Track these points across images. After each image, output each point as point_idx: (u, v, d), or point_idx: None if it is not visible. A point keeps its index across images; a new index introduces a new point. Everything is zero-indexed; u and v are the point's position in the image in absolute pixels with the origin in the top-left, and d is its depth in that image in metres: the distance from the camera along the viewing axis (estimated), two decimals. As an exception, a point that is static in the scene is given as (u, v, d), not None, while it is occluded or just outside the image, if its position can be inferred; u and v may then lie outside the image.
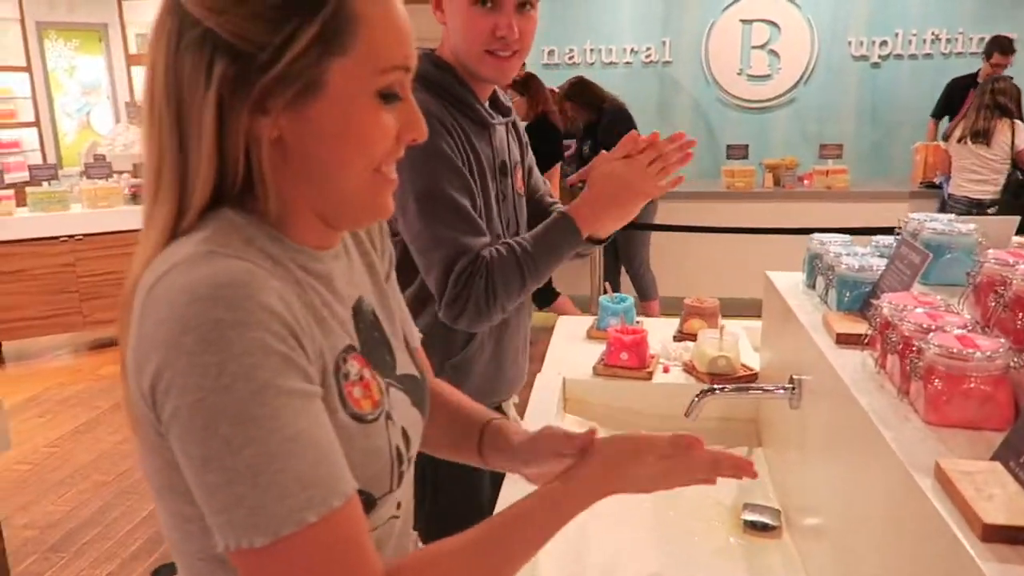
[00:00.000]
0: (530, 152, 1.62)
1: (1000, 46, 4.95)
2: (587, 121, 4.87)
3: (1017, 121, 4.54)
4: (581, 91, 4.82)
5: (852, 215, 4.97)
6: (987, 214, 4.55)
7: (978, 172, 4.58)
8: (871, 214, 5.01)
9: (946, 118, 5.26)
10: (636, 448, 0.85)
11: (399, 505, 0.80)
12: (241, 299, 0.60)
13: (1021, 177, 4.51)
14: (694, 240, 4.95)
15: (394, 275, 0.96)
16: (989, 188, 4.56)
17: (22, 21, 7.86)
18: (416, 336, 0.98)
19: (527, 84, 4.60)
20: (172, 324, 0.59)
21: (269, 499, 0.59)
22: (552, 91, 5.18)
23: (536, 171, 1.66)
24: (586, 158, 4.79)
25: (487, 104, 1.44)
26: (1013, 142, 4.50)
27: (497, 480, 1.40)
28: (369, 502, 0.72)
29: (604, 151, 1.37)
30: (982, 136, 4.51)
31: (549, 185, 1.70)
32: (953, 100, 5.19)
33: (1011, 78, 4.64)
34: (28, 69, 7.96)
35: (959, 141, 4.60)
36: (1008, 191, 4.53)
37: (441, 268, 1.30)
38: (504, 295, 1.31)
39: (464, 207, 1.31)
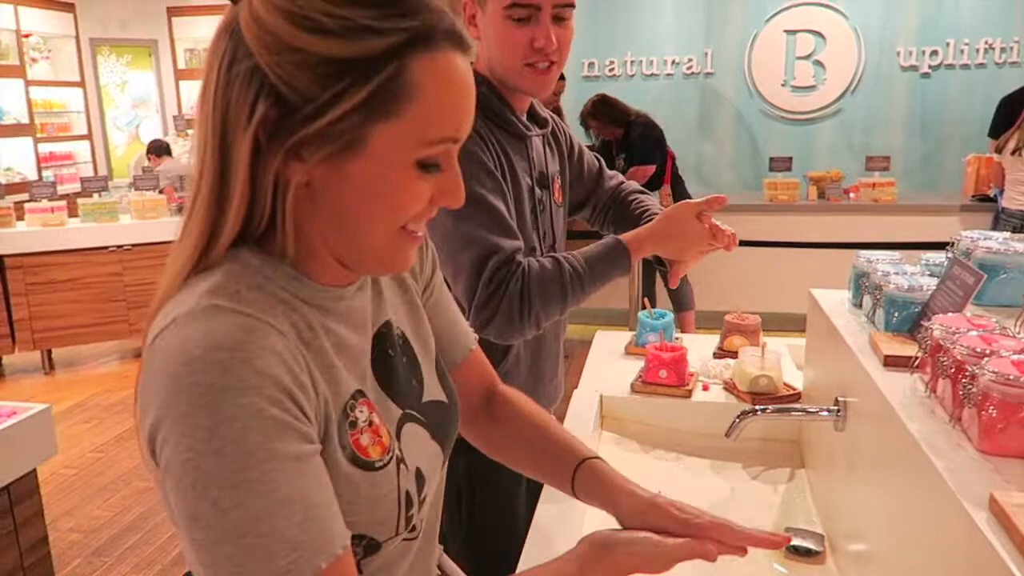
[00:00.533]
0: (575, 153, 1.61)
1: None
2: (614, 136, 4.90)
3: None
4: (605, 108, 4.85)
5: (900, 229, 4.86)
6: None
7: None
8: (920, 228, 4.89)
9: None
10: (641, 565, 0.82)
11: (414, 528, 0.79)
12: (234, 363, 0.59)
13: None
14: (736, 253, 4.86)
15: (440, 283, 0.95)
16: None
17: (77, 38, 8.13)
18: (471, 338, 0.99)
19: None
20: (167, 381, 0.60)
21: (254, 560, 0.59)
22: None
23: (587, 157, 1.65)
24: (622, 171, 4.79)
25: (524, 116, 1.43)
26: None
27: (532, 500, 1.38)
28: (373, 546, 0.71)
29: (640, 164, 1.39)
30: None
31: (603, 163, 1.70)
32: (1013, 116, 5.04)
33: None
34: (82, 84, 8.22)
35: (1013, 153, 4.47)
36: None
37: (472, 269, 1.27)
38: (541, 309, 1.28)
39: (497, 208, 1.29)
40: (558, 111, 5.40)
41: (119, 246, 4.94)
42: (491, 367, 1.04)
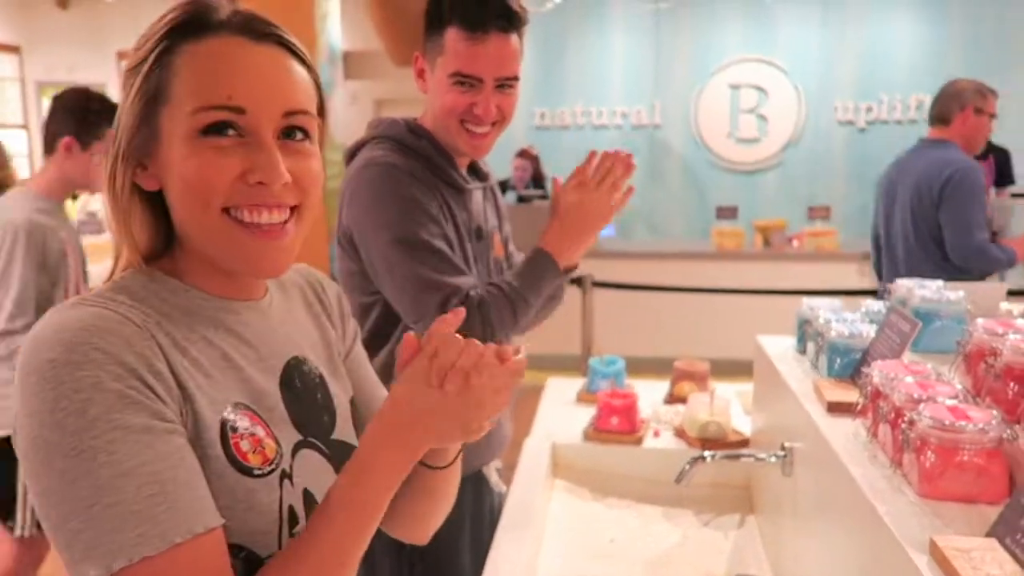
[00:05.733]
0: (507, 222, 1.63)
1: None
2: None
3: None
4: None
5: (842, 276, 5.00)
6: None
7: None
8: (860, 274, 5.04)
9: None
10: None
11: None
12: (77, 342, 0.63)
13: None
14: (685, 300, 4.96)
15: (361, 353, 0.98)
16: None
17: (22, 81, 8.00)
18: None
19: None
20: (20, 368, 0.64)
21: (102, 532, 0.61)
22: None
23: (511, 243, 1.67)
24: None
25: (465, 169, 1.46)
26: None
27: (478, 554, 1.36)
28: (254, 561, 0.71)
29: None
30: None
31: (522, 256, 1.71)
32: None
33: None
34: (26, 127, 8.06)
35: None
36: None
37: (437, 311, 1.30)
38: (501, 332, 1.34)
39: (443, 250, 1.33)
40: None
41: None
42: None
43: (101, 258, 5.09)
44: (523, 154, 5.70)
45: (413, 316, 1.34)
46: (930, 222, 2.95)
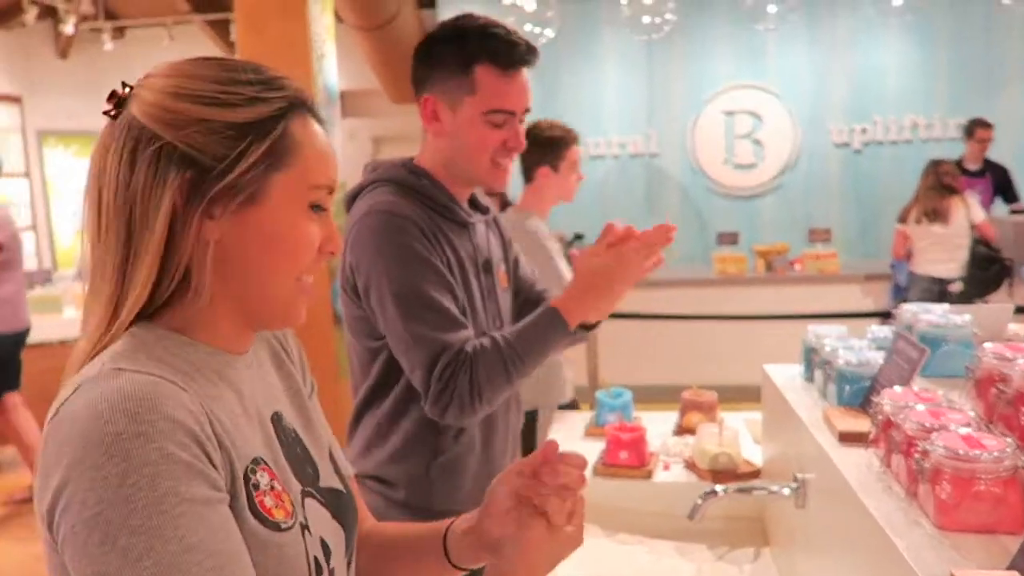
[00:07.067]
0: (514, 247, 1.64)
1: (980, 123, 5.19)
2: None
3: (967, 196, 4.65)
4: None
5: (845, 298, 5.00)
6: (949, 291, 4.58)
7: (939, 250, 4.63)
8: (863, 296, 5.04)
9: None
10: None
11: None
12: (143, 411, 0.62)
13: (985, 250, 4.57)
14: (689, 328, 4.95)
15: (317, 407, 0.97)
16: (952, 266, 4.62)
17: (23, 130, 8.08)
18: (347, 467, 0.98)
19: None
20: (75, 441, 0.61)
21: None
22: None
23: (523, 261, 1.67)
24: None
25: (466, 204, 1.47)
26: (969, 217, 4.58)
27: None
28: None
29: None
30: (938, 215, 4.59)
31: (537, 273, 1.70)
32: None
33: (949, 160, 4.78)
34: (27, 175, 8.12)
35: (917, 222, 4.69)
36: (974, 265, 4.58)
37: (424, 367, 1.30)
38: (489, 389, 1.31)
39: (442, 304, 1.32)
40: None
41: (63, 341, 4.78)
42: (363, 505, 1.01)
43: None
44: None
45: (407, 369, 1.35)
46: None
